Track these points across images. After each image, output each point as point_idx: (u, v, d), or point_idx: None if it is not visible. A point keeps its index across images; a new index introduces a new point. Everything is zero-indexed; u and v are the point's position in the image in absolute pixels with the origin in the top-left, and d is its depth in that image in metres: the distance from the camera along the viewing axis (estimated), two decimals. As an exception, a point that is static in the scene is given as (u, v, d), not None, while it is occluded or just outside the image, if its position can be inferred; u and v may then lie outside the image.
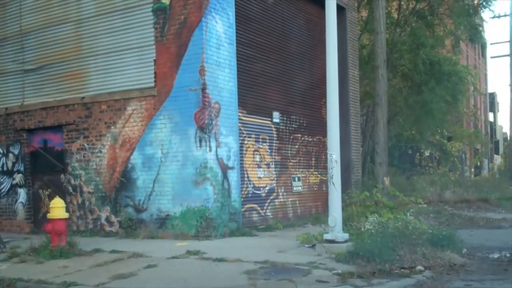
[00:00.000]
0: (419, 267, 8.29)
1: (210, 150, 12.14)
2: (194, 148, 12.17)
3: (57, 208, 10.74)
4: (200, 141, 12.11)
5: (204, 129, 12.07)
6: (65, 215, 10.89)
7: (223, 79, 12.57)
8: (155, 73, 12.69)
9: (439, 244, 9.33)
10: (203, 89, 12.03)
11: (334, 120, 10.15)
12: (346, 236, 9.78)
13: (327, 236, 9.90)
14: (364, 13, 25.37)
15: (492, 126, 55.06)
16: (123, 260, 9.88)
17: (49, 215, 10.79)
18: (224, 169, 12.57)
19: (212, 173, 12.15)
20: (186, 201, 12.26)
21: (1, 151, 15.40)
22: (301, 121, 16.44)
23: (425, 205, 13.64)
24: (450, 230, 10.30)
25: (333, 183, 10.00)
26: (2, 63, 15.36)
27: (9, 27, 15.21)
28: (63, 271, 9.16)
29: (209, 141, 12.11)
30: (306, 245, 10.60)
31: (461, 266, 8.69)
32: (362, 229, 10.09)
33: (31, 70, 14.74)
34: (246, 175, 13.82)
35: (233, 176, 12.87)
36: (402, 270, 8.16)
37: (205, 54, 12.05)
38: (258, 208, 14.37)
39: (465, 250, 9.72)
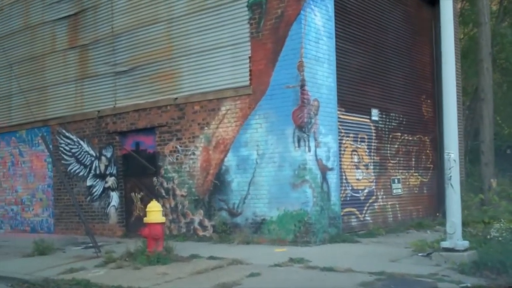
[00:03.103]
0: (562, 281, 7.25)
1: (309, 151, 11.44)
2: (292, 149, 11.51)
3: (154, 212, 10.39)
4: (299, 141, 11.43)
5: (303, 128, 11.38)
6: (162, 219, 10.52)
7: (322, 75, 11.85)
8: (250, 70, 12.13)
9: None
10: (302, 86, 11.35)
11: (452, 115, 9.15)
12: (466, 244, 8.80)
13: (444, 244, 8.95)
14: (459, 5, 23.94)
15: None
16: (223, 268, 9.38)
17: (145, 219, 10.44)
18: (323, 170, 11.84)
19: (311, 174, 11.45)
20: (283, 205, 11.62)
21: (94, 154, 15.32)
22: (401, 119, 15.46)
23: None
24: None
25: (451, 185, 9.00)
26: (94, 65, 15.29)
27: (100, 29, 15.12)
28: (163, 278, 8.77)
29: (308, 141, 11.42)
30: (420, 254, 9.69)
31: None
32: (488, 236, 9.04)
33: (122, 72, 14.56)
34: (344, 177, 13.03)
35: (333, 177, 12.12)
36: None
37: (304, 48, 11.36)
38: (357, 212, 13.53)
39: None
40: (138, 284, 8.42)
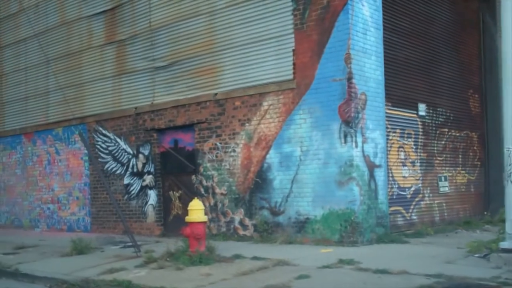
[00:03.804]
0: None
1: (356, 146, 10.94)
2: (338, 145, 11.02)
3: (196, 211, 9.99)
4: (345, 136, 10.93)
5: (350, 123, 10.88)
6: (204, 218, 10.12)
7: (369, 68, 11.33)
8: (294, 64, 11.66)
9: None
10: (349, 79, 10.84)
11: (512, 108, 8.59)
12: (527, 245, 8.26)
13: (504, 245, 8.46)
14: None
15: None
16: (268, 269, 8.98)
17: (187, 218, 10.05)
18: (371, 167, 11.32)
19: (358, 172, 10.94)
20: (328, 203, 11.14)
21: (131, 152, 15.05)
22: (448, 114, 14.85)
23: None
24: None
25: (511, 182, 8.44)
26: (132, 61, 14.99)
27: (138, 24, 14.79)
28: (207, 279, 8.40)
29: (355, 136, 10.91)
30: (476, 255, 9.14)
31: None
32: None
33: (161, 67, 14.21)
34: (390, 174, 12.49)
35: (380, 175, 11.60)
36: None
37: (352, 40, 10.85)
38: (403, 211, 12.99)
39: None
40: (182, 285, 8.08)
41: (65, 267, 10.21)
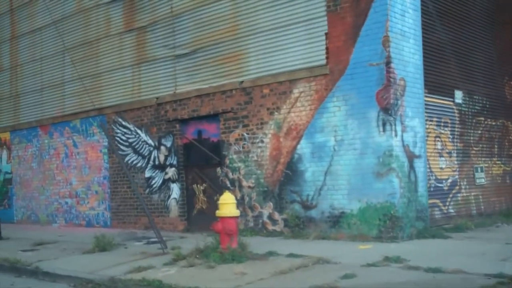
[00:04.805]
0: None
1: (396, 135, 10.27)
2: (376, 134, 10.36)
3: (228, 205, 9.41)
4: (384, 124, 10.27)
5: (389, 111, 10.21)
6: (237, 212, 9.54)
7: (408, 52, 10.67)
8: (326, 48, 11.01)
9: None
10: (387, 63, 10.17)
11: None
12: None
13: None
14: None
15: None
16: (308, 267, 8.37)
17: (218, 213, 9.47)
18: (410, 157, 10.67)
19: (398, 162, 10.29)
20: (365, 196, 10.52)
21: (153, 144, 14.46)
22: (484, 102, 14.16)
23: None
24: None
25: None
26: (153, 49, 14.38)
27: (159, 10, 14.18)
28: (242, 279, 7.81)
29: (395, 125, 10.24)
30: (532, 251, 8.49)
31: None
32: None
33: (183, 55, 13.60)
34: (428, 165, 11.80)
35: (420, 166, 10.94)
36: None
37: (390, 22, 10.16)
38: (440, 204, 12.34)
39: None
40: (217, 285, 7.49)
41: (89, 265, 9.66)
